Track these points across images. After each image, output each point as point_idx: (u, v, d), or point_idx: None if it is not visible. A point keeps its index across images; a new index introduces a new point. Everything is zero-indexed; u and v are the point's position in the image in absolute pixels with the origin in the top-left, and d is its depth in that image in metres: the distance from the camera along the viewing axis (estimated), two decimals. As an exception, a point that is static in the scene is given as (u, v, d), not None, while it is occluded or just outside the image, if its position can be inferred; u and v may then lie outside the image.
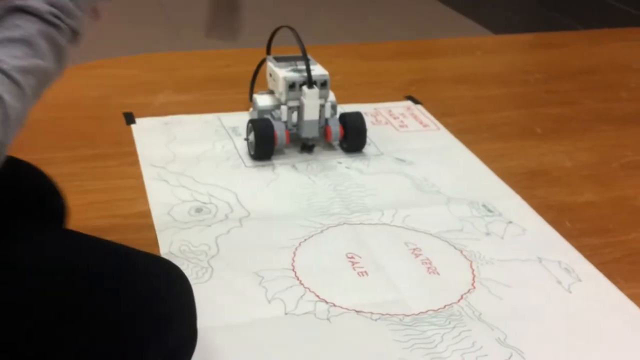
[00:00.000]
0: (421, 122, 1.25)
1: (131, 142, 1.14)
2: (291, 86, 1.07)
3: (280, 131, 1.07)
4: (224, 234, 0.92)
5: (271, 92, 1.13)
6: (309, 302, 0.80)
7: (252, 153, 1.08)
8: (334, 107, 1.11)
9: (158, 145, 1.13)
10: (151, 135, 1.16)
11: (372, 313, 0.79)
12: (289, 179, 1.04)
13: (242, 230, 0.93)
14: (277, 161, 1.09)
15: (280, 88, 1.08)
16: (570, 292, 0.84)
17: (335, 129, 1.10)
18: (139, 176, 1.04)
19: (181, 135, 1.16)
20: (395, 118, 1.26)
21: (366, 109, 1.28)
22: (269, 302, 0.80)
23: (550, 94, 1.41)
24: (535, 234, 0.95)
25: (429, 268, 0.87)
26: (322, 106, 1.08)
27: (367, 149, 1.13)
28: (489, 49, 1.66)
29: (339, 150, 1.13)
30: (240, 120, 1.22)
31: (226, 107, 1.27)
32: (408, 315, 0.79)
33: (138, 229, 0.92)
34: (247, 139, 1.10)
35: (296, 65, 1.10)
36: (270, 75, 1.12)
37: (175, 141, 1.14)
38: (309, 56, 1.09)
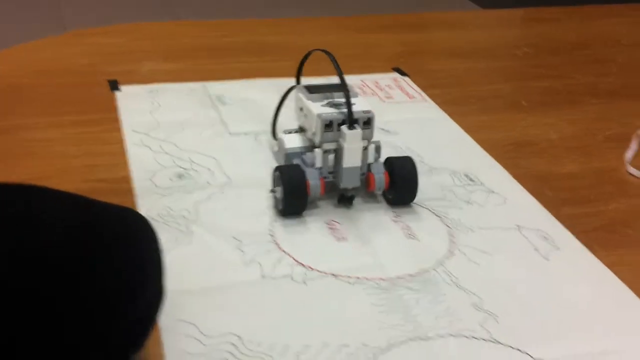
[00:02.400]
0: (407, 94, 1.25)
1: (115, 109, 1.14)
2: (327, 125, 0.87)
3: (314, 180, 0.87)
4: (205, 199, 0.92)
5: (301, 130, 0.94)
6: (287, 266, 0.80)
7: (280, 208, 0.88)
8: (377, 150, 0.90)
9: (142, 112, 1.12)
10: (135, 103, 1.15)
11: (349, 277, 0.79)
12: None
13: (223, 197, 0.93)
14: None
15: (314, 127, 0.87)
16: (547, 259, 0.84)
17: (380, 176, 0.89)
18: (121, 142, 1.04)
19: (165, 103, 1.16)
20: (381, 89, 1.26)
21: (353, 81, 1.27)
22: (246, 265, 0.80)
23: (538, 68, 1.41)
24: (516, 203, 0.95)
25: (408, 234, 0.87)
26: (364, 149, 0.88)
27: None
28: (479, 23, 1.65)
29: (383, 202, 0.92)
30: (226, 88, 1.22)
31: (215, 76, 1.26)
32: (385, 280, 0.79)
33: (118, 194, 0.92)
34: (273, 191, 0.89)
35: (333, 98, 0.90)
36: (301, 109, 0.92)
37: (159, 109, 1.14)
38: (350, 86, 0.89)
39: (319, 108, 0.87)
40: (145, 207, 0.89)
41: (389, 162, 0.90)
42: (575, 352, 0.71)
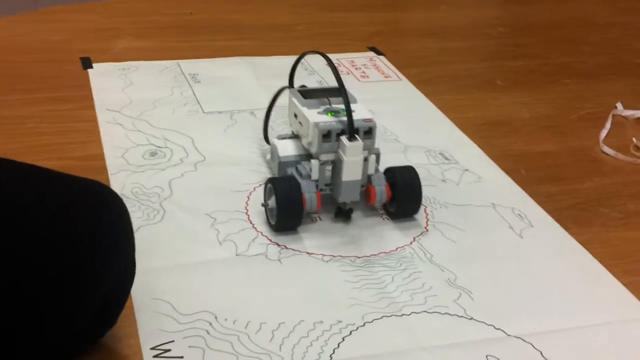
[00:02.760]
0: (383, 73, 1.25)
1: (88, 87, 1.12)
2: (325, 135, 0.80)
3: (309, 194, 0.80)
4: (178, 177, 0.91)
5: (295, 137, 0.87)
6: (261, 245, 0.80)
7: (273, 223, 0.82)
8: (377, 159, 0.83)
9: (114, 90, 1.11)
10: (108, 80, 1.14)
11: (323, 255, 0.79)
12: (246, 125, 1.03)
13: (197, 174, 0.92)
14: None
15: (311, 137, 0.80)
16: (521, 237, 0.84)
17: (381, 189, 0.83)
18: (94, 119, 1.03)
19: (138, 81, 1.15)
20: (357, 69, 1.26)
21: (328, 59, 1.27)
22: (220, 243, 0.80)
23: (513, 47, 1.41)
24: (490, 181, 0.95)
25: (382, 214, 0.86)
26: (365, 160, 0.82)
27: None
28: (455, 2, 1.64)
29: (382, 216, 0.86)
30: (199, 66, 1.21)
31: (187, 55, 1.25)
32: (360, 257, 0.79)
33: (91, 171, 0.89)
34: (265, 205, 0.83)
35: (329, 104, 0.83)
36: (295, 116, 0.85)
37: (132, 86, 1.13)
38: (348, 91, 0.82)
39: (315, 116, 0.80)
40: (117, 184, 0.88)
41: (391, 172, 0.84)
42: (550, 328, 0.71)
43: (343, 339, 0.68)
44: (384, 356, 0.66)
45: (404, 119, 1.09)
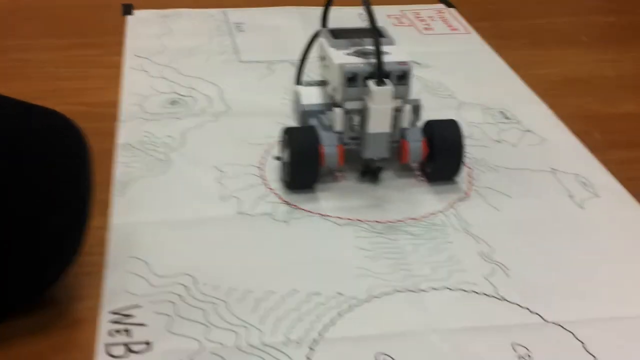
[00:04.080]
0: (450, 26, 1.11)
1: (122, 34, 1.04)
2: (351, 79, 0.69)
3: (330, 147, 0.69)
4: (194, 127, 0.81)
5: (323, 83, 0.75)
6: (269, 204, 0.69)
7: (287, 179, 0.72)
8: (416, 111, 0.72)
9: (150, 37, 1.03)
10: (145, 27, 1.06)
11: (339, 218, 0.68)
12: (283, 75, 0.92)
13: (216, 125, 0.82)
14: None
15: (335, 81, 0.69)
16: (582, 207, 0.70)
17: (416, 145, 0.71)
18: (119, 66, 0.94)
19: (178, 29, 1.06)
20: (421, 20, 1.13)
21: (391, 11, 1.15)
22: (223, 199, 0.69)
23: (605, 2, 1.24)
24: (555, 143, 0.81)
25: (417, 176, 0.74)
26: (397, 111, 0.70)
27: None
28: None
29: (419, 178, 0.74)
30: (247, 15, 1.11)
31: (240, 3, 1.15)
32: (382, 223, 0.67)
33: (100, 118, 0.83)
34: (279, 158, 0.73)
35: (362, 46, 0.72)
36: (323, 58, 0.74)
37: (170, 34, 1.04)
38: (385, 29, 0.72)
39: (342, 57, 0.69)
40: (125, 132, 0.79)
41: (430, 126, 0.72)
42: (599, 315, 0.57)
43: (339, 315, 0.56)
44: (385, 338, 0.55)
45: (463, 75, 0.96)
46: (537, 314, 0.57)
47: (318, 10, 0.76)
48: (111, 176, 0.72)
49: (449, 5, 1.18)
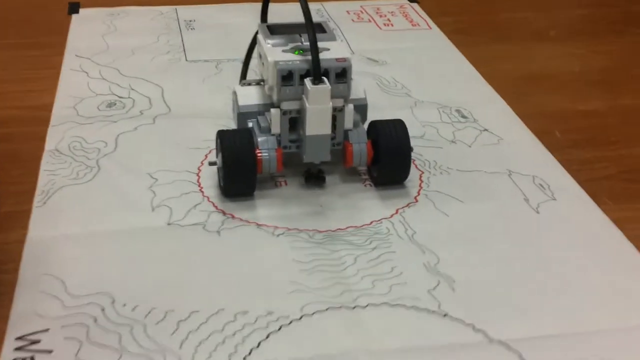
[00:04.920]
0: (411, 21, 1.07)
1: (66, 33, 0.99)
2: (286, 77, 0.63)
3: (267, 152, 0.64)
4: (130, 131, 0.76)
5: (263, 82, 0.69)
6: (202, 213, 0.64)
7: (222, 184, 0.67)
8: (361, 111, 0.68)
9: (93, 36, 0.98)
10: (89, 26, 1.01)
11: (276, 227, 0.63)
12: (231, 75, 0.87)
13: (153, 128, 0.77)
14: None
15: (271, 80, 0.64)
16: (537, 212, 0.66)
17: (360, 147, 0.66)
18: (59, 67, 0.89)
19: (123, 27, 1.01)
20: (381, 16, 1.08)
21: (350, 7, 1.10)
22: (153, 209, 0.65)
23: (578, -5, 1.20)
24: (512, 143, 0.77)
25: (364, 180, 0.69)
26: (338, 111, 0.66)
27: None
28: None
29: (366, 182, 0.69)
30: (198, 13, 1.06)
31: (189, 0, 1.10)
32: (321, 232, 0.62)
33: (34, 122, 0.78)
34: (213, 163, 0.67)
35: (302, 42, 0.66)
36: (260, 56, 0.69)
37: (114, 33, 0.99)
38: (326, 23, 0.68)
39: (278, 54, 0.64)
40: (55, 138, 0.74)
41: (374, 127, 0.67)
42: (547, 333, 0.53)
43: (267, 337, 0.52)
44: (313, 361, 0.50)
45: (421, 71, 0.91)
46: (481, 331, 0.52)
47: (273, 7, 0.71)
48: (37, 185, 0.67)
49: (413, 0, 1.14)
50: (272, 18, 0.71)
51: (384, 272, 0.58)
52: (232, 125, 0.75)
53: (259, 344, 0.51)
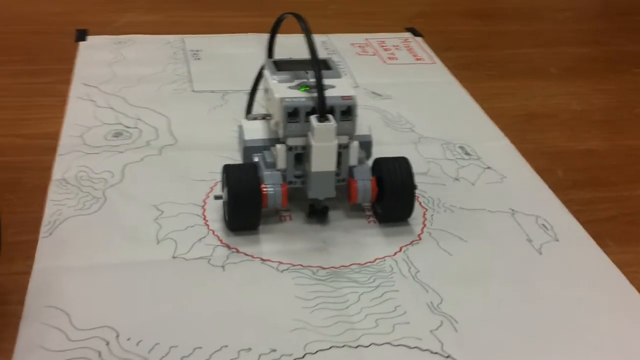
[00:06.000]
0: (415, 55, 1.08)
1: (73, 60, 1.00)
2: (292, 114, 0.64)
3: (273, 188, 0.65)
4: (136, 161, 0.77)
5: (269, 117, 0.70)
6: (207, 247, 0.65)
7: (227, 218, 0.67)
8: (366, 147, 0.68)
9: (100, 64, 0.98)
10: (97, 54, 1.02)
11: (280, 263, 0.63)
12: (237, 106, 0.88)
13: (159, 159, 0.78)
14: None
15: (277, 116, 0.65)
16: (540, 253, 0.66)
17: (364, 184, 0.67)
18: (65, 95, 0.90)
19: (132, 56, 1.02)
20: (386, 50, 1.09)
21: (355, 39, 1.11)
22: (158, 242, 0.65)
23: (578, 33, 1.22)
24: (515, 182, 0.77)
25: (369, 217, 0.70)
26: (343, 148, 0.66)
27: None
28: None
29: (369, 219, 0.69)
30: (205, 43, 1.07)
31: (198, 30, 1.12)
32: (325, 268, 0.63)
33: (38, 151, 0.78)
34: (220, 197, 0.67)
35: (307, 78, 0.67)
36: (267, 91, 0.70)
37: (122, 61, 1.00)
38: (331, 60, 0.69)
39: (284, 90, 0.64)
40: (62, 167, 0.75)
41: (378, 164, 0.67)
42: (552, 376, 0.53)
43: (270, 375, 0.52)
44: (317, 401, 0.50)
45: (425, 107, 0.92)
46: (484, 373, 0.53)
47: (279, 39, 0.72)
48: (43, 215, 0.68)
49: (417, 34, 1.15)
50: (278, 49, 0.72)
51: (388, 310, 0.58)
52: (237, 157, 0.75)
53: (262, 382, 0.51)
